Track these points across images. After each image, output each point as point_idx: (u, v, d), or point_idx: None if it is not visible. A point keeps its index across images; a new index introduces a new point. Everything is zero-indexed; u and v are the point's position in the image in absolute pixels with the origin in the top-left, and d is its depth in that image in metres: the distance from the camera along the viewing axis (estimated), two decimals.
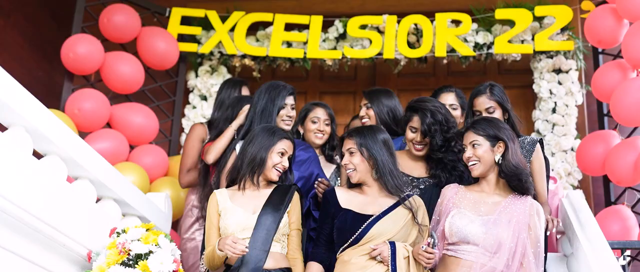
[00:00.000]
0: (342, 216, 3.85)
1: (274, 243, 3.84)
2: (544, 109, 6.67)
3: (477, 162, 3.76)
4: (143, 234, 3.93)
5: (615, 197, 6.08)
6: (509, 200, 3.72)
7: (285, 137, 4.07)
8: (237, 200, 3.98)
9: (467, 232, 3.62)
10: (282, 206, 3.92)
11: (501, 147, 3.75)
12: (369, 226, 3.75)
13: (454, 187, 3.87)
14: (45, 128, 3.79)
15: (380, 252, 3.66)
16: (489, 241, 3.57)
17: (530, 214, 3.67)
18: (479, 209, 3.71)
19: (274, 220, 3.87)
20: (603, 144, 5.74)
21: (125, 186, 4.58)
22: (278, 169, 4.01)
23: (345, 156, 3.93)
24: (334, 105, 7.13)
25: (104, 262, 3.83)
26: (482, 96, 4.43)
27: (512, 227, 3.60)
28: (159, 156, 6.19)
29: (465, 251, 3.62)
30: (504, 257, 3.54)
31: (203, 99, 7.03)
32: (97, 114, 6.01)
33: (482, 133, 3.77)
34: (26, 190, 3.44)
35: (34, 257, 3.59)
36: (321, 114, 4.90)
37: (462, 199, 3.77)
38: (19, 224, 3.43)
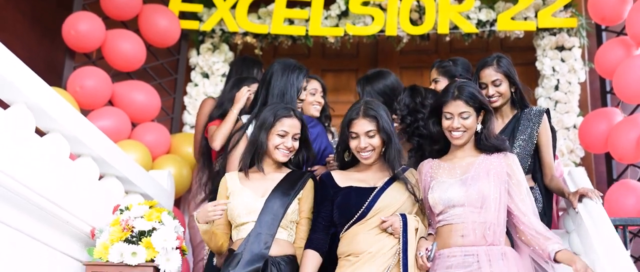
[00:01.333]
0: (343, 194, 3.74)
1: (280, 230, 3.72)
2: (546, 86, 6.66)
3: (464, 133, 3.70)
4: (146, 211, 3.94)
5: (617, 174, 6.08)
6: (482, 157, 3.70)
7: (285, 116, 3.87)
8: (248, 183, 3.85)
9: (449, 197, 3.60)
10: (292, 192, 3.79)
11: (482, 116, 3.72)
12: (376, 198, 3.67)
13: (428, 162, 3.84)
14: (47, 105, 3.78)
15: (392, 223, 3.57)
16: (472, 197, 3.56)
17: (506, 164, 3.65)
18: (454, 172, 3.69)
19: (281, 205, 3.73)
20: (605, 121, 5.74)
21: (128, 163, 4.59)
22: (282, 150, 3.85)
23: (363, 139, 3.71)
24: (335, 82, 7.16)
25: (108, 239, 3.84)
26: (489, 68, 4.33)
27: (491, 178, 3.59)
28: (161, 134, 6.18)
29: (454, 215, 3.59)
30: (492, 209, 3.54)
31: (205, 77, 7.02)
32: (99, 92, 6.00)
33: (472, 104, 3.69)
34: (29, 167, 3.45)
35: (38, 234, 3.60)
36: (317, 85, 4.88)
37: (437, 170, 3.75)
38: (23, 202, 3.43)
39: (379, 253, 3.57)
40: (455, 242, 3.56)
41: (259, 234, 3.66)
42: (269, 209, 3.71)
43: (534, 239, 3.51)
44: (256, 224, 3.68)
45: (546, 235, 3.49)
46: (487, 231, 3.53)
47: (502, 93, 4.32)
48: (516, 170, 3.65)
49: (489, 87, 4.31)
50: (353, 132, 3.73)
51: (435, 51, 7.28)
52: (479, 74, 4.37)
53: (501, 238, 3.57)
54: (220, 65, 6.98)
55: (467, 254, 3.52)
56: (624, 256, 3.86)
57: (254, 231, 3.67)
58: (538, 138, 4.29)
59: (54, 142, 3.90)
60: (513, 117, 4.37)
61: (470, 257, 3.51)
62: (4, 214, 3.34)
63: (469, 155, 3.74)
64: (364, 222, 3.66)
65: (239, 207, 3.76)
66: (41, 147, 3.65)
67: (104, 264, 3.82)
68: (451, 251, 3.55)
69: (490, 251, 3.51)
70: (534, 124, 4.29)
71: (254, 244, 3.64)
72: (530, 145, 4.28)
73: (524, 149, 4.27)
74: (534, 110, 4.35)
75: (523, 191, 3.62)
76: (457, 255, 3.53)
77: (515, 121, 4.35)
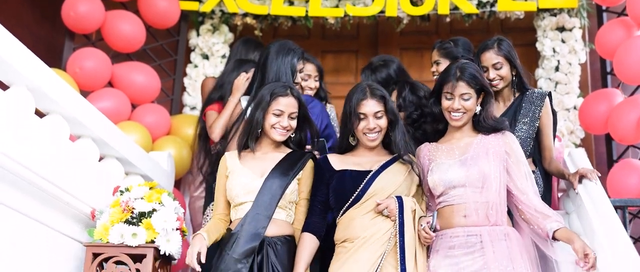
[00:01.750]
0: (339, 177, 3.72)
1: (278, 210, 3.70)
2: (547, 67, 6.65)
3: (464, 114, 3.70)
4: (146, 192, 3.95)
5: (617, 155, 6.09)
6: (480, 137, 3.71)
7: (281, 94, 3.82)
8: (247, 162, 3.83)
9: (449, 178, 3.61)
10: (292, 172, 3.76)
11: (481, 98, 3.73)
12: (371, 181, 3.64)
13: (425, 146, 3.84)
14: (47, 87, 3.78)
15: (387, 205, 3.55)
16: (472, 176, 3.57)
17: (505, 142, 3.66)
18: (453, 154, 3.70)
19: (280, 185, 3.71)
20: (606, 102, 5.73)
21: (128, 144, 4.59)
22: (278, 130, 3.80)
23: (371, 120, 3.68)
24: (336, 64, 7.15)
25: (108, 221, 3.85)
26: (490, 51, 4.32)
27: (491, 157, 3.61)
28: (161, 115, 6.17)
29: (455, 196, 3.60)
30: (493, 188, 3.55)
31: (204, 58, 7.00)
32: (99, 73, 5.98)
33: (473, 86, 3.68)
34: (29, 148, 3.45)
35: (38, 215, 3.61)
36: (311, 70, 4.86)
37: (435, 152, 3.76)
38: (23, 183, 3.44)
39: (373, 238, 3.54)
40: (458, 223, 3.57)
41: (257, 214, 3.65)
42: (267, 189, 3.69)
43: (534, 218, 3.53)
44: (254, 204, 3.67)
45: (545, 213, 3.51)
46: (489, 211, 3.54)
47: (503, 76, 4.30)
48: (515, 148, 3.66)
49: (489, 70, 4.29)
50: (362, 113, 3.69)
51: (436, 32, 7.25)
52: (479, 57, 4.35)
53: (503, 218, 3.57)
54: (220, 46, 6.96)
55: (470, 234, 3.53)
56: (623, 236, 3.87)
57: (251, 211, 3.66)
58: (540, 121, 4.29)
59: (53, 124, 3.90)
60: (515, 100, 4.36)
61: (473, 237, 3.51)
62: (4, 195, 3.34)
63: (466, 135, 3.75)
64: (359, 206, 3.63)
65: (237, 187, 3.74)
66: (41, 129, 3.65)
67: (104, 245, 3.84)
68: (454, 231, 3.56)
69: (493, 231, 3.52)
70: (536, 107, 4.28)
71: (250, 224, 3.63)
72: (533, 128, 4.28)
73: (526, 132, 4.27)
74: (536, 93, 4.33)
75: (522, 169, 3.63)
76: (460, 235, 3.54)
77: (517, 104, 4.34)
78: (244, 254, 3.58)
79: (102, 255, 3.83)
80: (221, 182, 3.86)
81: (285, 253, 3.67)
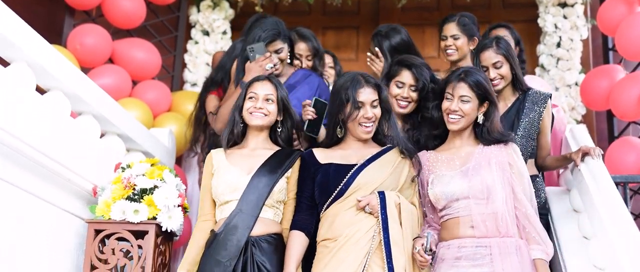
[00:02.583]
0: (324, 171, 3.57)
1: (265, 209, 3.56)
2: (548, 43, 6.63)
3: (461, 118, 3.59)
4: (148, 169, 3.96)
5: (618, 131, 6.09)
6: (481, 147, 3.60)
7: (256, 80, 3.76)
8: (234, 159, 3.69)
9: (451, 190, 3.48)
10: (280, 170, 3.63)
11: (484, 107, 3.62)
12: (354, 175, 3.50)
13: (423, 154, 3.69)
14: (47, 63, 3.78)
15: (368, 202, 3.41)
16: (475, 188, 3.44)
17: (508, 153, 3.55)
18: (453, 164, 3.58)
19: (267, 183, 3.57)
20: (607, 78, 5.71)
21: (129, 121, 4.59)
22: (255, 114, 3.66)
23: (368, 109, 3.57)
24: (337, 40, 7.12)
25: (110, 197, 3.86)
26: (489, 50, 4.22)
27: (493, 169, 3.49)
28: (162, 92, 6.17)
29: (459, 208, 3.47)
30: (500, 198, 3.42)
31: (205, 34, 6.98)
32: (99, 50, 5.96)
33: (475, 90, 3.59)
34: (30, 125, 3.45)
35: (40, 192, 3.62)
36: (303, 50, 4.73)
37: (435, 163, 3.62)
38: (25, 160, 3.44)
39: (356, 236, 3.40)
40: (465, 233, 3.44)
41: (241, 211, 3.52)
42: (253, 188, 3.56)
43: (526, 229, 3.46)
44: (239, 202, 3.54)
45: (534, 236, 3.44)
46: (500, 222, 3.40)
47: (503, 75, 4.21)
48: (517, 160, 3.56)
49: (490, 69, 4.20)
50: (360, 101, 3.55)
51: (437, 8, 7.21)
52: (478, 56, 4.26)
53: (514, 229, 3.43)
54: (221, 22, 6.94)
55: (479, 245, 3.40)
56: (624, 212, 3.87)
57: (236, 209, 3.54)
58: (541, 123, 4.25)
59: (54, 100, 3.90)
60: (516, 100, 4.29)
61: (482, 248, 3.39)
62: (6, 172, 3.35)
63: (467, 144, 3.65)
64: (342, 201, 3.49)
65: (222, 185, 3.61)
66: (42, 106, 3.65)
67: (106, 222, 3.85)
68: (462, 242, 3.43)
69: (504, 243, 3.39)
70: (539, 107, 4.23)
71: (235, 224, 3.51)
72: (534, 128, 4.23)
73: (528, 132, 4.22)
74: (539, 94, 4.28)
75: (524, 182, 3.53)
76: (468, 246, 3.41)
77: (519, 103, 4.27)
78: (227, 256, 3.45)
79: (104, 231, 3.84)
80: (207, 181, 3.72)
81: (273, 252, 3.53)
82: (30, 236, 3.55)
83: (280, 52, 4.29)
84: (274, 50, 4.26)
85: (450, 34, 4.66)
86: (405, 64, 4.11)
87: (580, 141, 4.66)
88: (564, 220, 4.28)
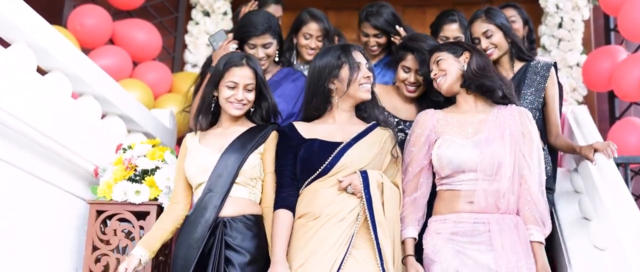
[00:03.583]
0: (307, 147, 3.40)
1: (237, 187, 3.37)
2: (550, 24, 6.61)
3: (443, 76, 3.49)
4: (149, 150, 3.96)
5: (619, 112, 6.09)
6: (494, 113, 3.46)
7: (234, 65, 3.50)
8: (207, 140, 3.53)
9: (460, 160, 3.33)
10: (250, 145, 3.43)
11: (467, 57, 3.51)
12: (340, 154, 3.34)
13: (432, 113, 3.53)
14: (48, 44, 3.77)
15: (350, 182, 3.27)
16: (485, 161, 3.30)
17: (521, 122, 3.41)
18: (465, 131, 3.42)
19: (236, 159, 3.38)
20: (610, 59, 5.70)
21: (130, 102, 4.59)
22: (233, 104, 3.47)
23: (365, 70, 3.46)
24: (337, 21, 7.08)
25: (111, 178, 3.87)
26: (477, 21, 4.12)
27: (507, 141, 3.35)
28: (163, 73, 6.16)
29: (462, 181, 3.34)
30: (507, 177, 3.29)
31: (206, 15, 6.95)
32: (100, 30, 5.95)
33: (443, 48, 3.55)
34: (31, 106, 3.45)
35: (42, 173, 3.62)
36: (314, 30, 4.66)
37: (445, 125, 3.46)
38: (26, 141, 3.44)
39: (338, 216, 3.26)
40: (462, 208, 3.32)
41: (210, 191, 3.36)
42: (222, 165, 3.38)
43: (525, 205, 3.34)
44: (208, 182, 3.38)
45: (536, 218, 3.32)
46: (500, 200, 3.29)
47: (496, 44, 4.09)
48: (531, 128, 3.43)
49: (481, 40, 4.10)
50: (358, 62, 3.44)
51: None
52: (470, 30, 4.17)
53: (515, 207, 3.33)
54: (221, 3, 6.91)
55: (477, 221, 3.28)
56: (625, 193, 3.88)
57: (206, 189, 3.38)
58: (545, 93, 4.11)
59: (55, 81, 3.90)
60: (518, 71, 4.17)
61: (480, 225, 3.28)
62: (8, 153, 3.35)
63: (479, 110, 3.50)
64: (325, 179, 3.34)
65: (194, 167, 3.45)
66: (43, 86, 3.64)
67: (107, 203, 3.85)
68: (459, 217, 3.32)
69: (503, 219, 3.28)
70: (541, 77, 4.11)
71: (204, 204, 3.35)
72: (538, 99, 4.10)
73: (532, 104, 4.08)
74: (542, 63, 4.17)
75: (534, 151, 3.39)
76: (466, 221, 3.30)
77: (521, 74, 4.15)
78: (196, 239, 3.29)
79: (105, 212, 3.85)
80: (180, 163, 3.56)
81: (247, 232, 3.33)
82: (32, 217, 3.56)
83: (268, 47, 4.18)
84: (262, 44, 4.16)
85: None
86: (409, 47, 4.01)
87: (582, 122, 4.65)
88: (565, 201, 4.28)
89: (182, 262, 3.30)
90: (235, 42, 4.12)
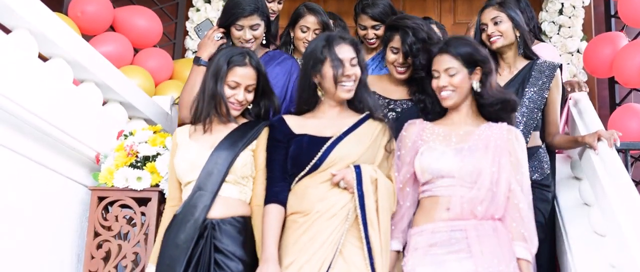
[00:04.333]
0: (296, 142, 3.28)
1: (228, 185, 3.24)
2: (550, 10, 6.61)
3: (452, 92, 3.33)
4: (150, 136, 3.96)
5: (620, 98, 6.09)
6: (483, 128, 3.32)
7: (237, 64, 3.35)
8: (197, 135, 3.38)
9: (439, 166, 3.22)
10: (242, 142, 3.30)
11: (478, 73, 3.34)
12: (330, 149, 3.22)
13: (418, 123, 3.41)
14: (49, 31, 3.77)
15: (343, 176, 3.15)
16: (466, 169, 3.18)
17: (508, 139, 3.27)
18: (449, 140, 3.31)
19: (227, 157, 3.24)
20: (611, 45, 5.69)
21: (131, 88, 4.59)
22: (233, 104, 3.34)
23: (348, 67, 3.29)
24: (338, 8, 7.07)
25: (113, 164, 3.88)
26: (489, 7, 4.09)
27: (490, 152, 3.22)
28: (164, 59, 6.15)
29: (441, 186, 3.21)
30: (485, 185, 3.16)
31: (206, 2, 6.95)
32: (100, 17, 5.94)
33: (460, 59, 3.32)
34: (33, 92, 3.46)
35: (44, 159, 3.63)
36: (311, 23, 4.55)
37: (430, 135, 3.35)
38: (28, 127, 3.45)
39: (329, 212, 3.14)
40: (440, 217, 3.18)
41: (200, 189, 3.21)
42: (213, 163, 3.24)
43: (510, 219, 3.19)
44: (198, 179, 3.22)
45: (524, 234, 3.16)
46: (477, 207, 3.16)
47: (502, 32, 4.05)
48: (518, 148, 3.29)
49: (488, 25, 4.07)
50: (340, 58, 3.27)
51: None
52: (480, 17, 4.14)
53: (496, 215, 3.18)
54: None
55: (454, 229, 3.15)
56: (625, 179, 3.88)
57: (195, 187, 3.23)
58: (549, 94, 4.06)
59: (57, 68, 3.90)
60: (523, 68, 4.11)
61: (457, 232, 3.14)
62: (9, 139, 3.36)
63: (468, 123, 3.38)
64: (315, 175, 3.22)
65: (183, 164, 3.31)
66: (44, 73, 3.65)
67: (109, 189, 3.87)
68: (436, 226, 3.17)
69: (481, 225, 3.15)
70: (546, 77, 4.05)
71: (193, 203, 3.20)
72: (541, 99, 4.05)
73: (534, 103, 4.04)
74: (548, 63, 4.11)
75: (521, 173, 3.25)
76: (443, 230, 3.15)
77: (526, 72, 4.09)
78: (184, 238, 3.15)
79: (107, 198, 3.87)
80: (171, 161, 3.43)
81: (236, 235, 3.19)
82: (33, 203, 3.57)
83: (255, 28, 3.98)
84: (250, 25, 3.97)
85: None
86: (394, 27, 3.90)
87: (582, 108, 4.64)
88: (565, 187, 4.29)
89: (168, 261, 3.17)
90: (221, 31, 4.05)
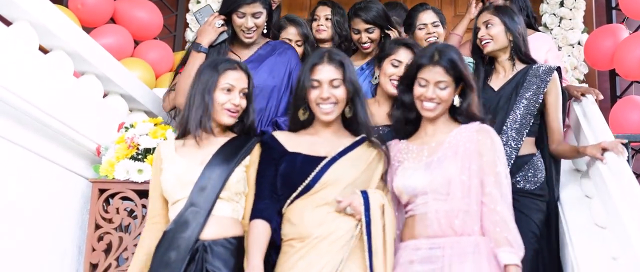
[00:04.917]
0: (289, 160, 3.14)
1: (221, 203, 3.06)
2: (551, 2, 6.59)
3: (438, 105, 3.22)
4: (151, 128, 3.97)
5: (621, 91, 6.09)
6: (454, 133, 3.20)
7: (230, 68, 3.20)
8: (185, 150, 3.18)
9: (412, 184, 3.12)
10: (236, 158, 3.13)
11: (460, 88, 3.24)
12: (324, 169, 3.09)
13: (394, 144, 3.32)
14: (50, 23, 3.77)
15: (350, 202, 3.01)
16: (436, 182, 3.07)
17: (477, 140, 3.14)
18: (421, 156, 3.20)
19: (221, 173, 3.07)
20: (612, 38, 5.69)
21: (132, 80, 4.59)
22: (228, 109, 3.17)
23: (326, 88, 3.16)
24: None
25: (114, 157, 3.88)
26: (484, 12, 4.09)
27: (459, 157, 3.10)
28: (164, 51, 6.14)
29: (419, 204, 3.10)
30: (457, 195, 3.04)
31: None
32: (101, 9, 5.92)
33: (451, 73, 3.20)
34: (34, 84, 3.46)
35: (44, 152, 3.63)
36: (292, 34, 4.53)
37: (406, 154, 3.26)
38: (28, 119, 3.45)
39: (330, 238, 3.00)
40: (420, 233, 3.07)
41: (192, 206, 3.03)
42: (206, 179, 3.06)
43: (492, 228, 3.03)
44: (190, 195, 3.04)
45: (507, 237, 2.99)
46: (454, 220, 3.03)
47: (493, 36, 4.02)
48: (490, 148, 3.14)
49: (481, 29, 4.05)
50: (315, 79, 3.16)
51: None
52: (476, 20, 4.15)
53: (475, 227, 3.03)
54: None
55: (432, 246, 3.02)
56: (627, 171, 3.87)
57: (187, 203, 3.04)
58: (545, 98, 3.97)
59: (57, 60, 3.90)
60: (518, 72, 4.04)
61: (436, 250, 3.01)
62: (11, 132, 3.36)
63: (440, 131, 3.26)
64: (307, 198, 3.08)
65: (172, 180, 3.11)
66: (45, 65, 3.65)
67: (110, 181, 3.87)
68: (416, 243, 3.06)
69: (459, 243, 3.01)
70: (541, 81, 3.96)
71: (185, 221, 3.02)
72: (535, 104, 3.97)
73: (526, 109, 3.96)
74: (543, 67, 4.04)
75: (497, 173, 3.10)
76: (422, 247, 3.04)
77: (521, 76, 4.02)
78: (174, 259, 2.96)
79: (108, 191, 3.88)
80: (155, 177, 3.22)
81: (229, 259, 3.01)
82: (34, 195, 3.57)
83: (257, 16, 3.96)
84: (252, 13, 3.94)
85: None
86: (404, 42, 3.87)
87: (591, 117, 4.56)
88: (566, 180, 4.28)
89: None
90: (222, 18, 4.03)
